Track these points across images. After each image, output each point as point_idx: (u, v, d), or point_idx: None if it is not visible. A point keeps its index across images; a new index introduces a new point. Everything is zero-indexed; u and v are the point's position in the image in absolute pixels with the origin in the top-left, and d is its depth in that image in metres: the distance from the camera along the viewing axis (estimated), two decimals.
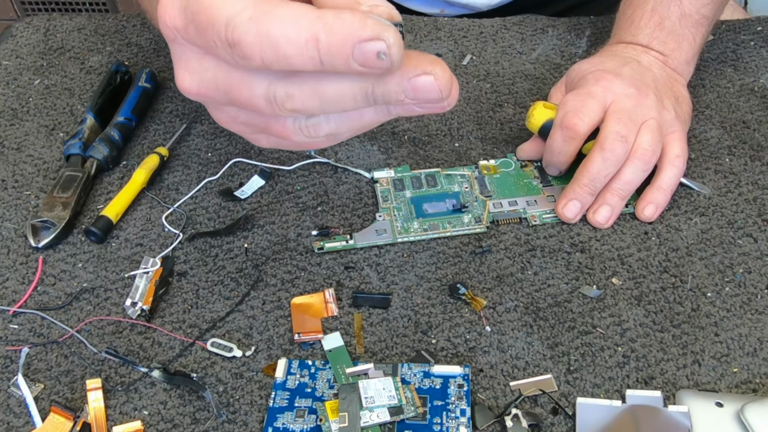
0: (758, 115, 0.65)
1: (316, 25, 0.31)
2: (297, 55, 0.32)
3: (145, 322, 0.51)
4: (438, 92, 0.34)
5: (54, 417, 0.45)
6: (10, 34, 0.79)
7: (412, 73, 0.33)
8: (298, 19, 0.32)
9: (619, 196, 0.56)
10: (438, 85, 0.34)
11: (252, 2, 0.32)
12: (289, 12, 0.32)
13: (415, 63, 0.34)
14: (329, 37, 0.31)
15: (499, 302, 0.52)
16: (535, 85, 0.69)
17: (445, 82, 0.34)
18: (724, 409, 0.44)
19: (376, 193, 0.59)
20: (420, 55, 0.34)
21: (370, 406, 0.44)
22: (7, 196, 0.61)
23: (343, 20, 0.31)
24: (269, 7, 0.32)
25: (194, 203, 0.60)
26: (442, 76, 0.34)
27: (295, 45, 0.32)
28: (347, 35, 0.31)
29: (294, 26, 0.31)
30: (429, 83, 0.34)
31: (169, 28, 0.36)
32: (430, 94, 0.34)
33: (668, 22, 0.62)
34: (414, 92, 0.34)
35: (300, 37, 0.31)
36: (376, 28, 0.31)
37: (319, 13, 0.32)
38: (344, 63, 0.32)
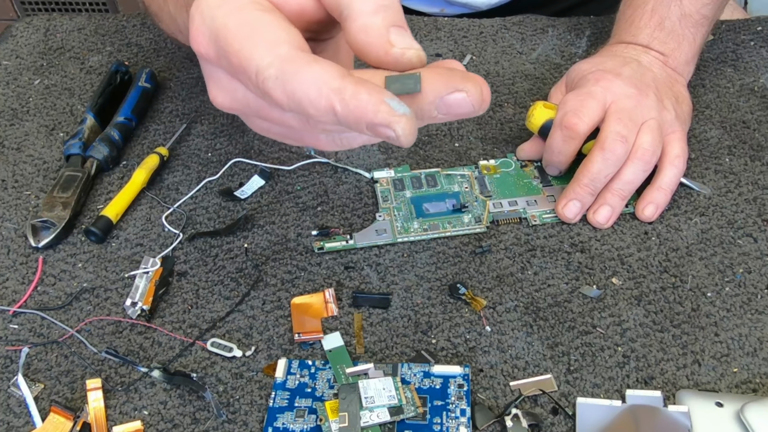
0: (758, 115, 0.65)
1: (334, 97, 0.33)
2: (318, 115, 0.34)
3: (145, 322, 0.51)
4: (471, 107, 0.35)
5: (54, 417, 0.45)
6: (10, 34, 0.79)
7: (444, 92, 0.34)
8: (320, 86, 0.33)
9: (620, 196, 0.56)
10: (471, 101, 0.35)
11: (279, 59, 0.34)
12: (311, 77, 0.33)
13: (447, 81, 0.35)
14: (345, 111, 0.33)
15: (499, 302, 0.52)
16: (535, 85, 0.69)
17: (477, 97, 0.35)
18: (724, 409, 0.44)
19: (376, 193, 0.59)
20: (452, 72, 0.35)
21: (370, 406, 0.44)
22: (7, 196, 0.61)
23: (359, 100, 0.32)
24: (295, 68, 0.33)
25: (194, 203, 0.60)
26: (474, 91, 0.35)
27: (316, 108, 0.33)
28: (360, 115, 0.33)
29: (315, 93, 0.33)
30: (461, 99, 0.35)
31: (200, 53, 0.37)
32: (463, 109, 0.35)
33: (668, 22, 0.62)
34: (447, 108, 0.35)
35: (320, 104, 0.33)
36: (388, 117, 0.33)
37: (340, 83, 0.33)
38: (358, 130, 0.34)
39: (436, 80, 0.35)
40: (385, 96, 0.33)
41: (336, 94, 0.33)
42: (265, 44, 0.34)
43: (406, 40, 0.35)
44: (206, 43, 0.37)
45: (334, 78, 0.33)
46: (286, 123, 0.38)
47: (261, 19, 0.35)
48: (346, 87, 0.33)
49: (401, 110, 0.33)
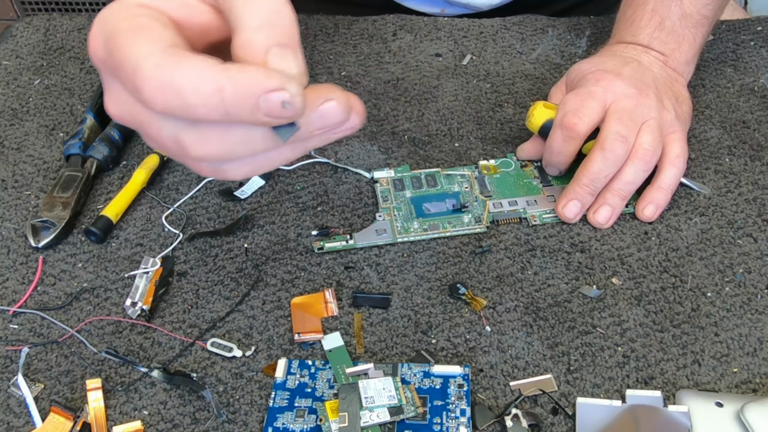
0: (758, 115, 0.65)
1: (221, 76, 0.32)
2: (202, 104, 0.33)
3: (145, 322, 0.51)
4: (341, 114, 0.36)
5: (54, 417, 0.45)
6: (10, 34, 0.79)
7: (317, 102, 0.36)
8: (204, 69, 0.33)
9: (620, 196, 0.56)
10: (340, 108, 0.36)
11: (160, 50, 0.34)
12: (195, 63, 0.33)
13: (316, 93, 0.36)
14: (235, 87, 0.32)
15: (499, 302, 0.52)
16: (535, 85, 0.69)
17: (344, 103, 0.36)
18: (724, 409, 0.44)
19: (376, 193, 0.59)
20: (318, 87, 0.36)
21: (370, 406, 0.44)
22: (7, 196, 0.61)
23: (248, 72, 0.33)
24: (176, 57, 0.33)
25: (194, 203, 0.60)
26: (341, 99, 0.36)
27: (200, 95, 0.33)
28: (252, 85, 0.33)
29: (199, 76, 0.33)
30: (333, 107, 0.36)
31: (94, 59, 0.38)
32: (336, 117, 0.36)
33: (669, 23, 0.62)
34: (322, 119, 0.36)
35: (205, 87, 0.33)
36: (280, 79, 0.33)
37: (224, 65, 0.33)
38: (249, 113, 0.33)
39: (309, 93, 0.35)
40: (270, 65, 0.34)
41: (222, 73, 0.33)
42: (147, 40, 0.34)
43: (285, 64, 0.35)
44: (99, 48, 0.37)
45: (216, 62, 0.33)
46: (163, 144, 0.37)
47: (149, 24, 0.36)
48: (231, 66, 0.33)
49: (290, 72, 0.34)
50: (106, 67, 0.37)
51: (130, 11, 0.37)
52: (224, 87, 0.32)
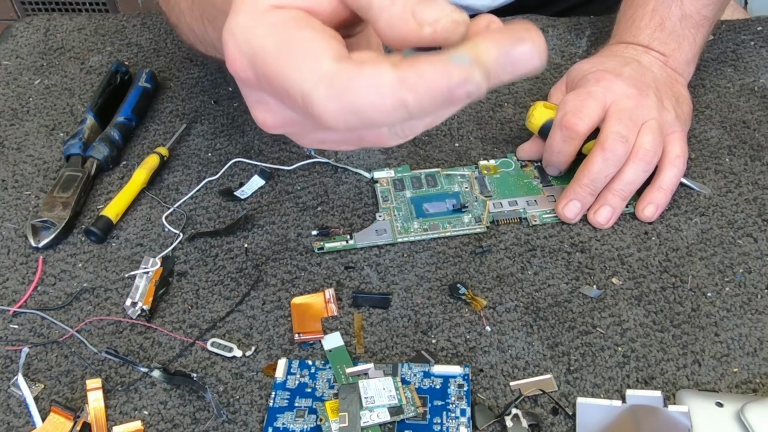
0: (758, 115, 0.65)
1: (400, 90, 0.30)
2: (386, 117, 0.31)
3: (145, 322, 0.51)
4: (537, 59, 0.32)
5: (54, 417, 0.45)
6: (10, 34, 0.79)
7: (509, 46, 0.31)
8: (380, 86, 0.30)
9: (620, 196, 0.56)
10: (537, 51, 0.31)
11: (325, 77, 0.31)
12: (368, 81, 0.31)
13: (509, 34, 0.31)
14: (417, 98, 0.30)
15: (499, 302, 0.52)
16: (535, 85, 0.69)
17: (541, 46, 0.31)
18: (724, 409, 0.44)
19: (376, 193, 0.59)
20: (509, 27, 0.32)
21: (370, 406, 0.44)
22: (7, 196, 0.61)
23: (426, 77, 0.30)
24: (344, 81, 0.31)
25: (194, 203, 0.60)
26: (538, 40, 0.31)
27: (382, 111, 0.31)
28: (435, 90, 0.30)
29: (377, 95, 0.31)
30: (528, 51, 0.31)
31: (240, 78, 0.35)
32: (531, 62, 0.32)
33: (669, 23, 0.62)
34: (513, 65, 0.32)
35: (386, 104, 0.31)
36: (462, 73, 0.30)
37: (399, 74, 0.30)
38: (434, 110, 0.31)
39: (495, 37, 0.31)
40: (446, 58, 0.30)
41: (399, 86, 0.30)
42: (306, 62, 0.32)
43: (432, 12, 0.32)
44: (245, 68, 0.34)
45: (389, 71, 0.30)
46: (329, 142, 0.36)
47: (297, 36, 0.33)
48: (406, 72, 0.30)
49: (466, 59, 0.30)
50: (258, 86, 0.35)
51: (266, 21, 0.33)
52: (407, 100, 0.30)
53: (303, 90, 0.32)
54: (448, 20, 0.32)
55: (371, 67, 0.31)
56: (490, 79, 0.31)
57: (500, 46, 0.31)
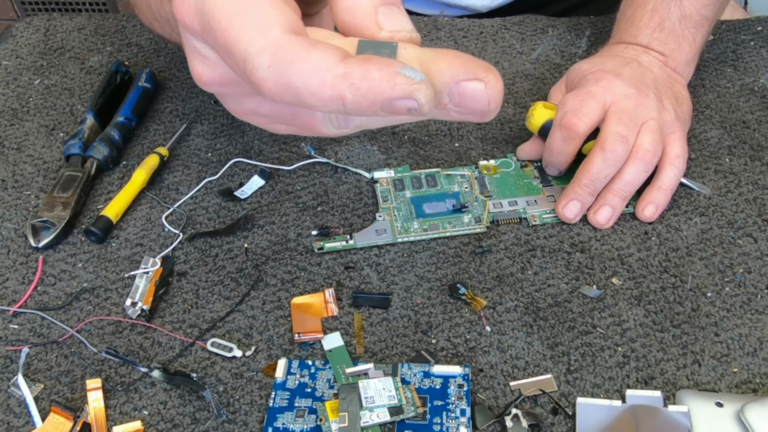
0: (758, 115, 0.65)
1: (341, 83, 0.29)
2: (321, 106, 0.30)
3: (145, 322, 0.51)
4: (486, 102, 0.31)
5: (54, 417, 0.45)
6: (10, 34, 0.79)
7: (461, 77, 0.31)
8: (321, 73, 0.30)
9: (620, 196, 0.56)
10: (488, 95, 0.31)
11: (271, 44, 0.30)
12: (311, 65, 0.30)
13: (467, 66, 0.31)
14: (356, 97, 0.29)
15: (499, 302, 0.52)
16: (535, 85, 0.69)
17: (496, 92, 0.31)
18: (724, 409, 0.44)
19: (376, 193, 0.59)
20: (473, 59, 0.31)
21: (370, 406, 0.44)
22: (7, 196, 0.61)
23: (371, 80, 0.29)
24: (290, 55, 0.30)
25: (194, 203, 0.59)
26: (494, 85, 0.31)
27: (319, 98, 0.30)
28: (375, 96, 0.29)
29: (317, 81, 0.30)
30: (479, 91, 0.31)
31: (184, 24, 0.34)
32: (478, 104, 0.31)
33: (668, 23, 0.62)
34: (460, 98, 0.31)
35: (324, 93, 0.30)
36: (407, 87, 0.29)
37: (345, 68, 0.29)
38: (370, 113, 0.30)
39: (453, 62, 0.30)
40: (397, 67, 0.29)
41: (343, 80, 0.29)
42: (256, 25, 0.31)
43: (397, 22, 0.32)
44: (191, 14, 0.33)
45: (336, 62, 0.29)
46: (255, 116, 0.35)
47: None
48: (353, 69, 0.29)
49: (418, 77, 0.29)
50: (201, 37, 0.34)
51: None
52: (344, 95, 0.29)
53: (247, 53, 0.31)
54: (407, 35, 0.32)
55: (320, 50, 0.30)
56: (434, 103, 0.30)
57: (453, 73, 0.31)
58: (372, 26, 0.32)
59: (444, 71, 0.30)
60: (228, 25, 0.31)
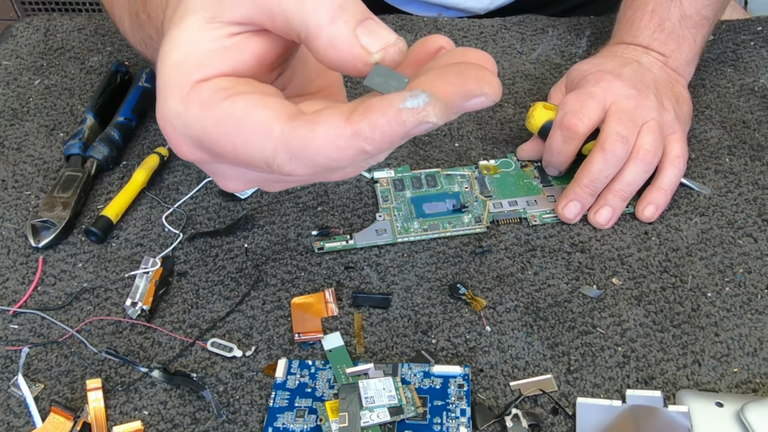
0: (758, 115, 0.65)
1: (356, 142, 0.30)
2: (348, 164, 0.32)
3: (145, 322, 0.51)
4: (489, 105, 0.32)
5: (54, 417, 0.45)
6: (10, 34, 0.79)
7: (462, 101, 0.31)
8: (334, 142, 0.30)
9: (621, 197, 0.56)
10: (491, 100, 0.31)
11: (280, 142, 0.31)
12: (322, 142, 0.30)
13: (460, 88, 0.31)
14: (374, 145, 0.30)
15: (499, 302, 0.52)
16: (535, 85, 0.69)
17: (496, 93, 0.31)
18: (724, 409, 0.44)
19: (376, 193, 0.59)
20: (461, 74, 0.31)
21: (370, 406, 0.44)
22: (7, 196, 0.61)
23: (381, 128, 0.30)
24: (301, 142, 0.31)
25: (194, 203, 0.60)
26: (492, 91, 0.31)
27: (346, 160, 0.31)
28: (392, 137, 0.30)
29: (334, 151, 0.30)
30: (481, 103, 0.31)
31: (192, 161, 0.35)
32: (482, 106, 0.32)
33: (668, 24, 0.62)
34: (467, 110, 0.32)
35: (346, 155, 0.31)
36: (416, 118, 0.29)
37: (352, 128, 0.30)
38: (395, 146, 0.32)
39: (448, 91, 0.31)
40: (398, 103, 0.30)
41: (356, 139, 0.30)
42: (256, 135, 0.31)
43: (380, 37, 0.32)
44: (193, 152, 0.34)
45: (342, 125, 0.30)
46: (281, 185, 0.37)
47: (234, 110, 0.32)
48: (359, 125, 0.30)
49: (421, 102, 0.29)
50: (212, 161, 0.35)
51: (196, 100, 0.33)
52: (365, 149, 0.30)
53: (265, 159, 0.32)
54: (395, 49, 0.32)
55: (324, 124, 0.30)
56: (448, 113, 0.30)
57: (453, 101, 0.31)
58: (360, 53, 0.32)
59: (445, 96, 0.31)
60: (233, 146, 0.32)
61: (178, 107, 0.33)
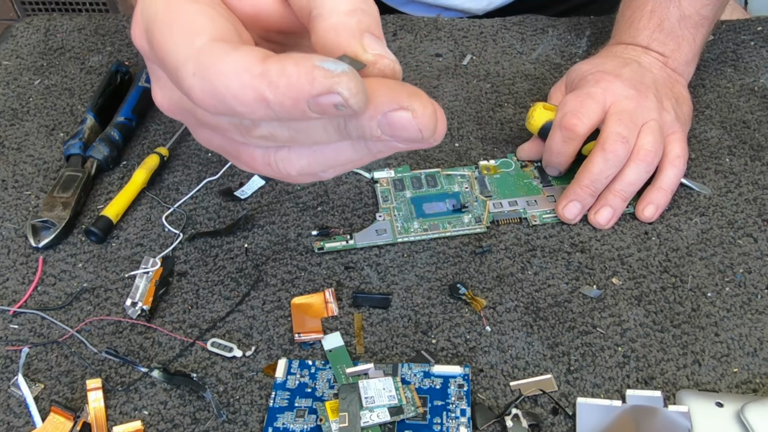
0: (758, 115, 0.65)
1: (260, 83, 0.28)
2: (249, 111, 0.30)
3: (145, 322, 0.51)
4: (417, 131, 0.29)
5: (54, 417, 0.45)
6: (10, 34, 0.79)
7: (386, 108, 0.29)
8: (241, 75, 0.29)
9: (621, 197, 0.56)
10: (417, 124, 0.29)
11: (195, 52, 0.30)
12: (230, 67, 0.29)
13: (391, 95, 0.29)
14: (277, 96, 0.28)
15: (499, 302, 0.52)
16: (535, 85, 0.69)
17: (425, 119, 0.29)
18: (724, 409, 0.44)
19: (376, 193, 0.59)
20: (399, 85, 0.30)
21: (370, 406, 0.44)
22: (7, 196, 0.61)
23: (288, 76, 0.28)
24: (211, 60, 0.29)
25: (194, 203, 0.60)
26: (423, 112, 0.29)
27: (244, 103, 0.29)
28: (296, 93, 0.28)
29: (238, 84, 0.29)
30: (406, 120, 0.29)
31: (138, 47, 0.35)
32: (409, 133, 0.30)
33: (668, 24, 0.62)
34: (390, 129, 0.30)
35: (247, 95, 0.29)
36: (326, 81, 0.28)
37: (263, 66, 0.28)
38: (301, 115, 0.29)
39: (381, 89, 0.29)
40: (315, 60, 0.28)
41: (261, 79, 0.28)
42: (183, 35, 0.31)
43: (383, 48, 0.31)
44: (141, 36, 0.34)
45: (255, 62, 0.28)
46: (221, 126, 0.34)
47: (186, 8, 0.31)
48: (270, 67, 0.28)
49: (339, 68, 0.28)
50: (149, 56, 0.34)
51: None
52: (266, 96, 0.28)
53: (176, 62, 0.31)
54: (390, 64, 0.31)
55: (240, 51, 0.29)
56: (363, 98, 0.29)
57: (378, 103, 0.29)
58: (356, 47, 0.31)
59: (371, 101, 0.29)
60: (161, 36, 0.31)
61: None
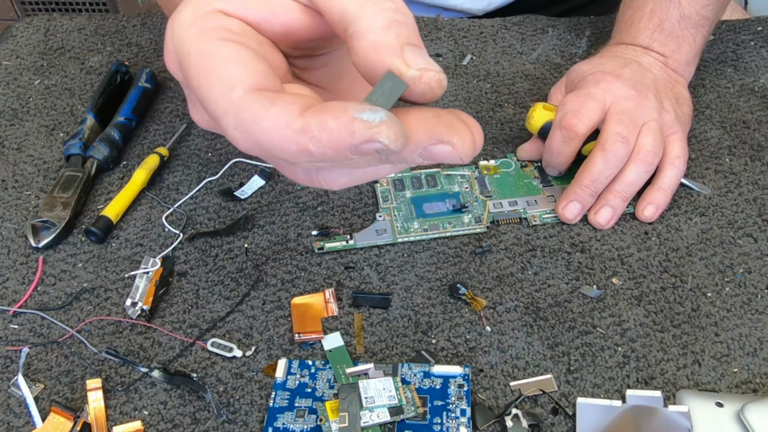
0: (758, 115, 0.65)
1: (301, 138, 0.29)
2: (291, 159, 0.30)
3: (145, 322, 0.51)
4: (457, 160, 0.31)
5: (54, 417, 0.45)
6: (10, 34, 0.79)
7: (426, 143, 0.30)
8: (282, 131, 0.29)
9: (621, 197, 0.56)
10: (457, 154, 0.30)
11: (233, 106, 0.30)
12: (270, 124, 0.29)
13: (430, 131, 0.30)
14: (319, 148, 0.29)
15: (499, 302, 0.52)
16: (535, 85, 0.69)
17: (464, 150, 0.30)
18: (724, 409, 0.44)
19: (376, 193, 0.59)
20: (436, 118, 0.31)
21: (370, 406, 0.44)
22: (7, 196, 0.61)
23: (330, 131, 0.28)
24: (251, 116, 0.30)
25: (194, 203, 0.60)
26: (462, 145, 0.30)
27: (287, 153, 0.30)
28: (338, 145, 0.29)
29: (279, 139, 0.29)
30: (447, 152, 0.30)
31: (172, 73, 0.35)
32: (449, 160, 0.31)
33: (668, 24, 0.62)
34: (431, 158, 0.31)
35: (290, 148, 0.29)
36: (367, 132, 0.28)
37: (303, 122, 0.29)
38: (343, 159, 0.30)
39: (418, 126, 0.30)
40: (353, 112, 0.29)
41: (303, 135, 0.29)
42: (220, 86, 0.31)
43: (426, 61, 0.31)
44: (175, 67, 0.34)
45: (294, 117, 0.29)
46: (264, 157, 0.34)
47: (219, 53, 0.31)
48: (310, 122, 0.29)
49: (377, 117, 0.28)
50: (184, 85, 0.35)
51: (201, 25, 0.32)
52: (309, 148, 0.29)
53: (215, 113, 0.31)
54: (435, 75, 0.31)
55: (279, 106, 0.30)
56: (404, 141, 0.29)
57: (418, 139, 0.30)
58: (400, 64, 0.30)
59: (411, 138, 0.30)
60: (198, 84, 0.31)
61: (186, 20, 0.33)
